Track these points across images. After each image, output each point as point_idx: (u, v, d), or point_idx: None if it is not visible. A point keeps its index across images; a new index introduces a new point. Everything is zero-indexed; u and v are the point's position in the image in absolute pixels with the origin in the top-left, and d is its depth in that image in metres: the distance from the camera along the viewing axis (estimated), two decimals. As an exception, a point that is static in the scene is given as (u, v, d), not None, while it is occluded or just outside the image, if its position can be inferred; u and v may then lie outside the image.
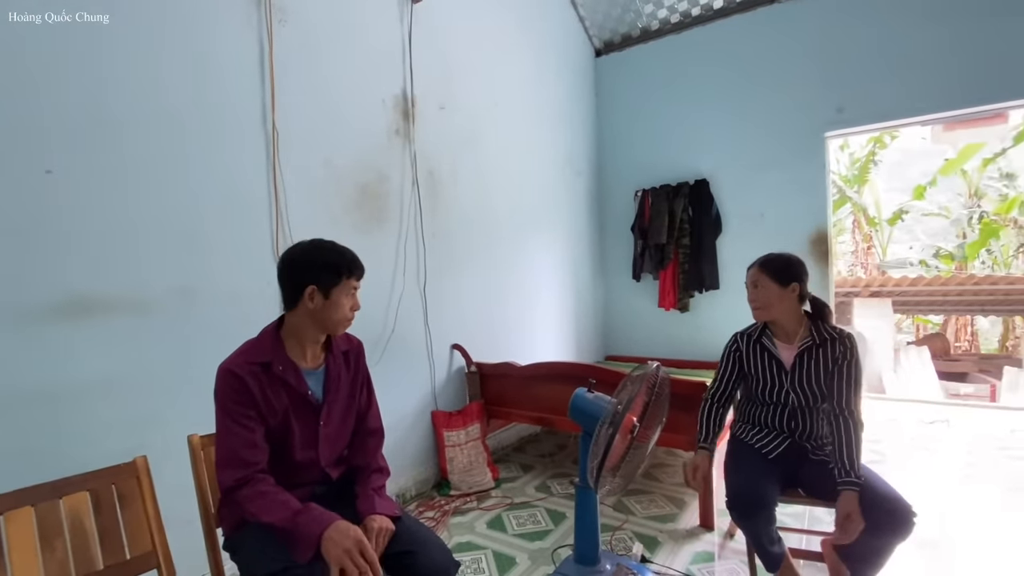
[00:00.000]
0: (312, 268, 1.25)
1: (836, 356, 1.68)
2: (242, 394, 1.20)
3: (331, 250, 1.28)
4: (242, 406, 1.20)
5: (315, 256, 1.26)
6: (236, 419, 1.20)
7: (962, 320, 8.00)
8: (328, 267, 1.25)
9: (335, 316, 1.27)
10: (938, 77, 3.19)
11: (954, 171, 7.64)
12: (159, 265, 1.72)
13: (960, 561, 1.88)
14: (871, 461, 2.83)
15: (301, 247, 1.29)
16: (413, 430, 2.61)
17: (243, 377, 1.21)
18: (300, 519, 1.13)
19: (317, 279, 1.23)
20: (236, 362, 1.23)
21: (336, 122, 2.28)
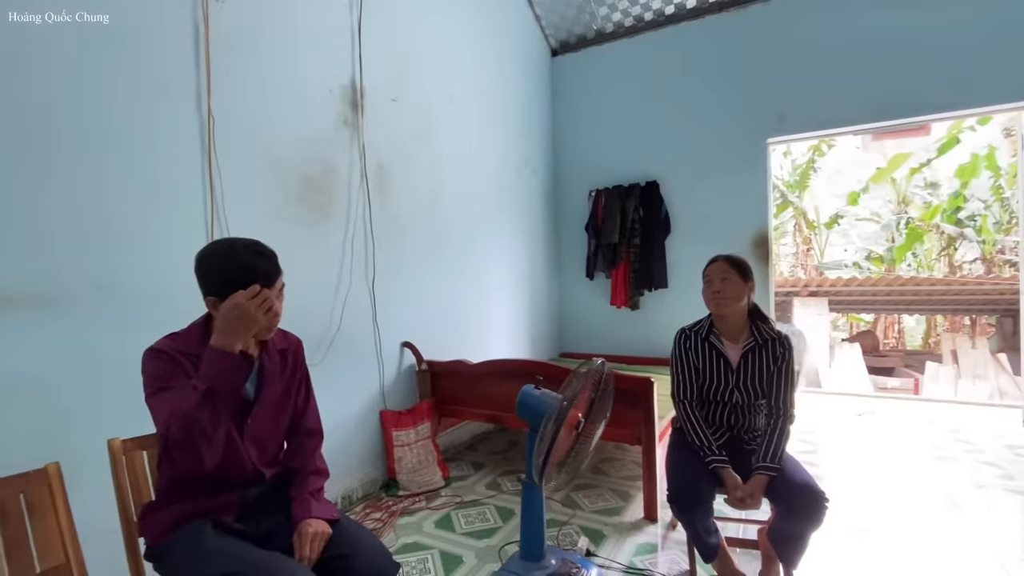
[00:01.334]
0: (208, 278, 1.16)
1: (776, 356, 1.76)
2: (170, 365, 1.13)
3: (228, 257, 1.16)
4: (175, 376, 1.12)
5: (211, 265, 1.16)
6: (170, 385, 1.11)
7: (890, 319, 8.58)
8: (222, 280, 1.14)
9: None
10: (868, 90, 3.40)
11: (884, 179, 8.17)
12: (74, 257, 1.59)
13: (886, 546, 2.01)
14: (803, 451, 2.99)
15: (205, 251, 1.19)
16: (360, 430, 2.54)
17: (171, 354, 1.14)
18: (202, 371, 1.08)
19: (215, 291, 1.14)
20: (163, 344, 1.16)
21: (279, 110, 2.18)
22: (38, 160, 1.52)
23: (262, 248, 1.21)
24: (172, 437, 1.04)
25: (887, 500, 2.39)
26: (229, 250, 1.18)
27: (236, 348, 1.10)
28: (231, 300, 1.09)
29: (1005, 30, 3.07)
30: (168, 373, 1.13)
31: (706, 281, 1.82)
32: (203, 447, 1.06)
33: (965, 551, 1.94)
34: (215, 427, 1.07)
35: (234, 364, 1.09)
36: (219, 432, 1.10)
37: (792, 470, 1.63)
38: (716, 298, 1.77)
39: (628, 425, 2.27)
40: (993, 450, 2.98)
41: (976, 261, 8.05)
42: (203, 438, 1.06)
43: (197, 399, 1.05)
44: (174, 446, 1.05)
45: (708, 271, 1.82)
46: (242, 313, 1.09)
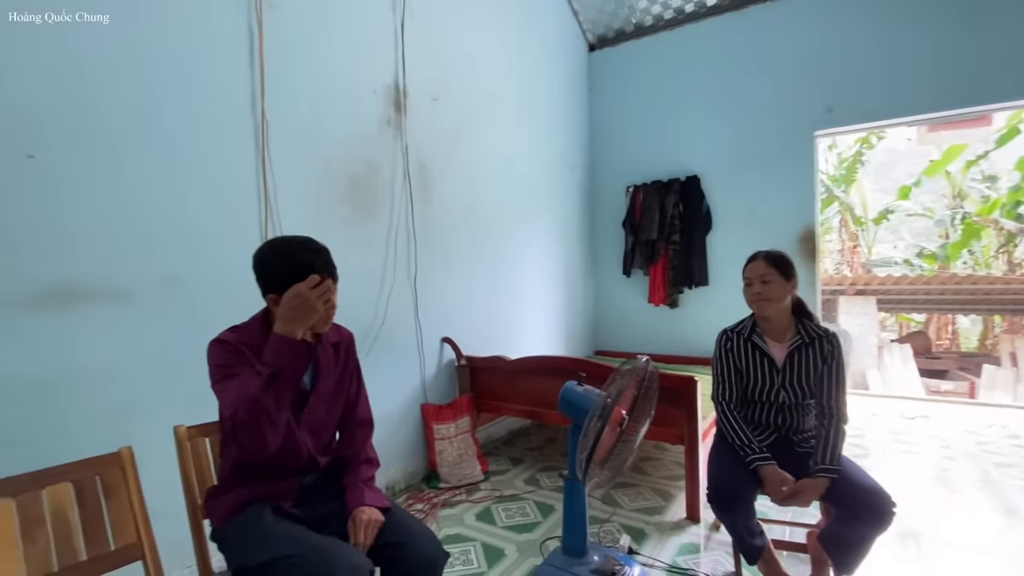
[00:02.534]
0: (268, 276, 1.22)
1: (824, 355, 1.71)
2: (237, 355, 1.20)
3: (286, 255, 1.21)
4: (239, 364, 1.19)
5: (269, 263, 1.22)
6: (235, 371, 1.17)
7: (944, 319, 8.16)
8: (280, 277, 1.19)
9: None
10: (924, 79, 3.24)
11: (938, 172, 7.76)
12: (143, 254, 1.69)
13: (939, 552, 1.93)
14: (854, 455, 2.88)
15: (262, 249, 1.25)
16: (402, 423, 2.60)
17: (234, 344, 1.21)
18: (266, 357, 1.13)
19: (275, 287, 1.20)
20: (227, 336, 1.23)
21: (327, 111, 2.25)
22: (109, 161, 1.62)
23: (316, 245, 1.26)
24: (239, 419, 1.10)
25: (940, 506, 2.28)
26: (286, 248, 1.23)
27: (298, 335, 1.14)
28: (293, 289, 1.14)
29: (1080, 11, 2.87)
30: (232, 361, 1.19)
31: (746, 282, 1.77)
32: (267, 429, 1.12)
33: (1022, 560, 1.84)
34: (279, 410, 1.13)
35: (296, 349, 1.14)
36: (282, 415, 1.15)
37: (854, 472, 1.58)
38: (757, 300, 1.73)
39: (670, 424, 2.24)
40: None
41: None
42: (268, 420, 1.11)
43: (262, 383, 1.10)
44: (241, 428, 1.10)
45: (747, 271, 1.77)
46: (303, 302, 1.14)
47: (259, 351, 1.20)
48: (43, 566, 1.08)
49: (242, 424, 1.10)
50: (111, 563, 1.17)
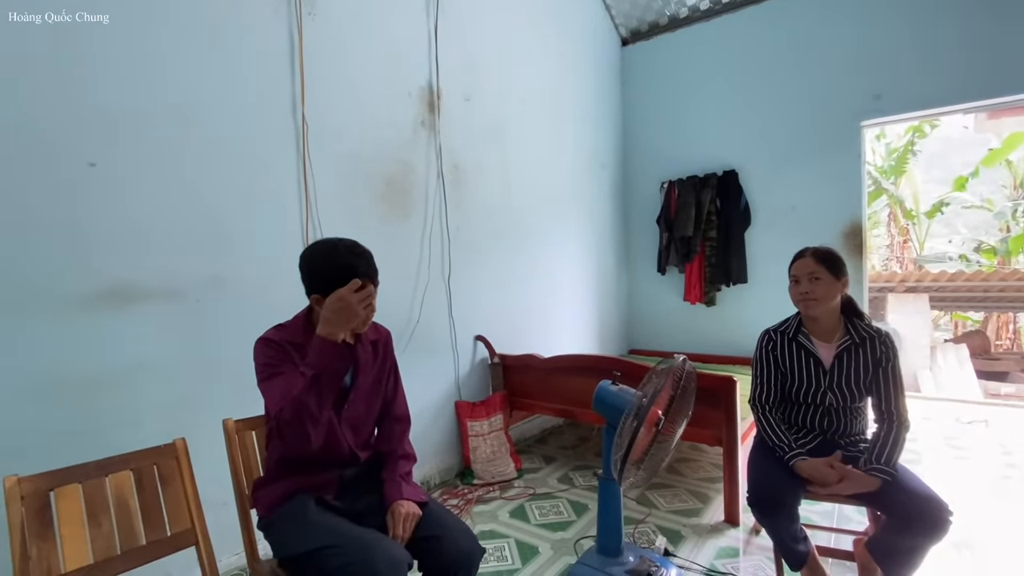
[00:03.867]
0: (313, 277, 1.26)
1: (877, 356, 1.64)
2: (282, 354, 1.25)
3: (332, 257, 1.25)
4: (284, 363, 1.24)
5: (315, 265, 1.26)
6: (280, 371, 1.22)
7: (1004, 317, 7.67)
8: (323, 278, 1.23)
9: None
10: (981, 63, 3.04)
11: (999, 161, 7.28)
12: (192, 255, 1.78)
13: (997, 564, 1.82)
14: (906, 460, 2.75)
15: (308, 251, 1.29)
16: (437, 419, 2.64)
17: (280, 342, 1.26)
18: (309, 359, 1.17)
19: (319, 288, 1.24)
20: (272, 335, 1.28)
21: (363, 114, 2.30)
22: (161, 166, 1.71)
23: (360, 249, 1.30)
24: (284, 418, 1.15)
25: (998, 516, 2.15)
26: (331, 251, 1.27)
27: (340, 338, 1.18)
28: (336, 294, 1.18)
29: None
30: (277, 360, 1.24)
31: (793, 280, 1.71)
32: (311, 427, 1.16)
33: (1106, 581, 1.71)
34: (321, 409, 1.17)
35: (338, 352, 1.18)
36: (324, 414, 1.19)
37: (908, 479, 1.51)
38: (805, 299, 1.66)
39: (708, 426, 2.19)
40: None
41: (1114, 253, 7.01)
42: (311, 419, 1.15)
43: (306, 383, 1.14)
44: (285, 426, 1.15)
45: (794, 268, 1.71)
46: (345, 306, 1.17)
47: (302, 349, 1.25)
48: (108, 549, 1.15)
49: (286, 423, 1.15)
50: (168, 548, 1.24)
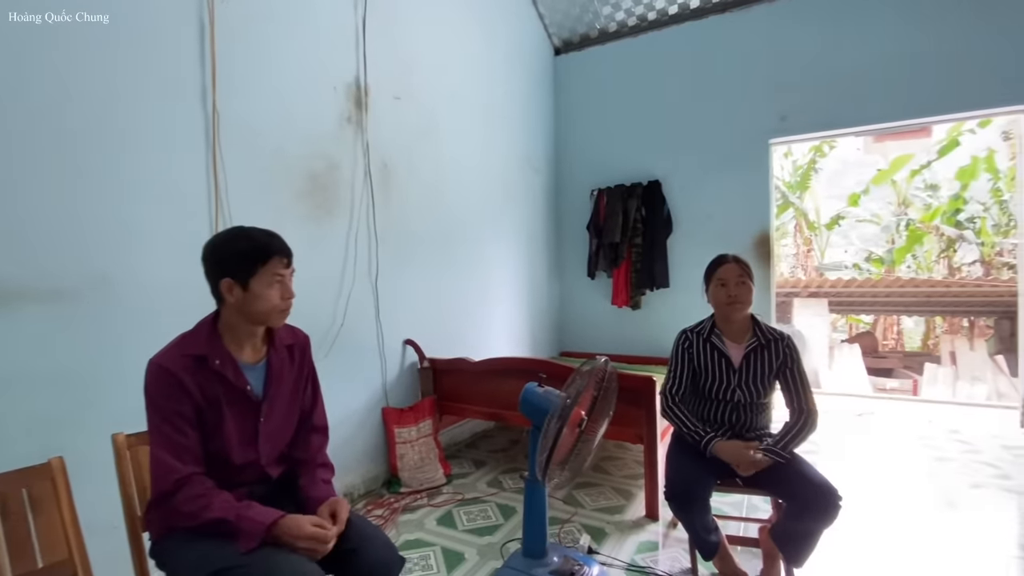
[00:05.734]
0: (223, 260, 1.18)
1: (781, 357, 1.77)
2: (175, 390, 1.13)
3: (243, 237, 1.20)
4: (176, 403, 1.13)
5: (225, 246, 1.19)
6: (169, 418, 1.13)
7: (890, 320, 8.59)
8: (239, 256, 1.17)
9: (262, 308, 1.20)
10: (869, 91, 3.41)
11: (885, 181, 8.18)
12: (77, 251, 1.59)
13: (884, 544, 2.02)
14: (805, 451, 2.99)
15: (214, 238, 1.22)
16: (362, 427, 2.55)
17: (175, 372, 1.14)
18: (245, 512, 1.10)
19: (231, 271, 1.17)
20: (168, 356, 1.16)
21: (283, 106, 2.18)
22: (44, 154, 1.52)
23: (269, 231, 1.25)
24: (174, 505, 1.11)
25: (886, 499, 2.40)
26: (240, 232, 1.22)
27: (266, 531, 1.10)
28: (300, 528, 1.11)
29: (1005, 34, 3.07)
30: (166, 397, 1.13)
31: (719, 283, 1.80)
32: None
33: (962, 550, 1.95)
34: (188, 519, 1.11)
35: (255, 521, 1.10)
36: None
37: (804, 468, 1.63)
38: (733, 303, 1.77)
39: (630, 424, 2.27)
40: (990, 450, 2.99)
41: (975, 263, 8.06)
42: (175, 514, 1.12)
43: (212, 518, 1.09)
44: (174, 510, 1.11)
45: (722, 273, 1.80)
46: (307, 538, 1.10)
47: (205, 364, 1.16)
48: (-42, 587, 1.00)
49: (177, 512, 1.11)
50: (38, 582, 1.10)
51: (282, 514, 1.12)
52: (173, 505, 1.11)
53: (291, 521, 1.11)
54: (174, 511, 1.11)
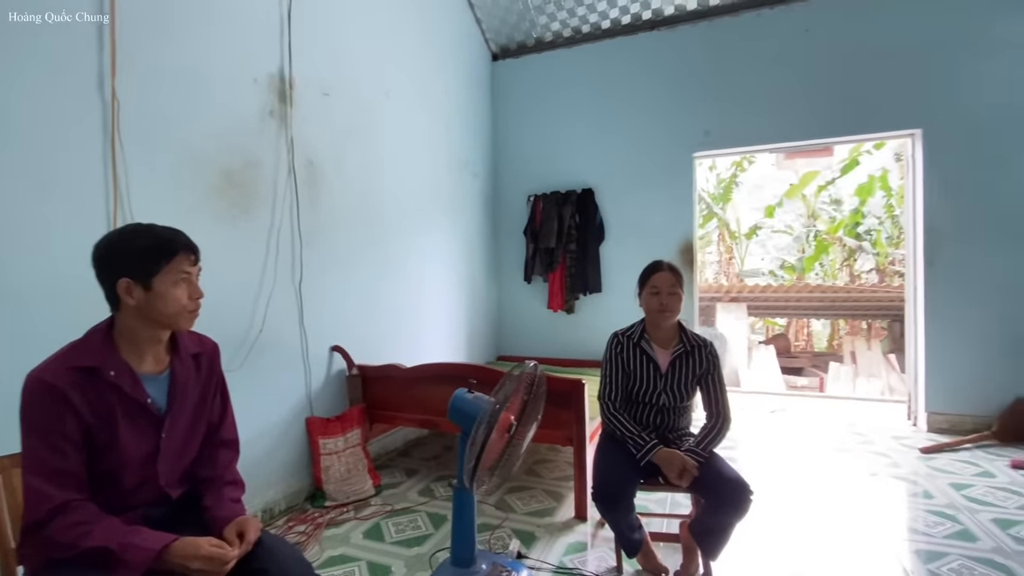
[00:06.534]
0: (121, 258, 1.08)
1: (704, 363, 1.85)
2: (58, 407, 1.01)
3: (143, 233, 1.10)
4: (57, 422, 1.01)
5: (123, 243, 1.09)
6: (47, 440, 1.00)
7: (800, 323, 9.32)
8: (140, 253, 1.08)
9: (167, 309, 1.10)
10: (781, 113, 3.69)
11: (796, 195, 8.89)
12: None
13: (792, 531, 2.16)
14: (724, 447, 3.16)
15: (108, 236, 1.11)
16: (284, 439, 2.41)
17: (60, 387, 1.01)
18: (130, 539, 1.00)
19: (129, 270, 1.07)
20: (51, 369, 1.03)
21: (195, 96, 2.03)
22: None
23: (173, 227, 1.15)
24: (29, 516, 1.00)
25: (793, 490, 2.58)
26: (139, 228, 1.12)
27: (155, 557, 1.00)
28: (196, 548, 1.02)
29: (897, 69, 3.43)
30: (46, 415, 1.01)
31: (652, 291, 1.85)
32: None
33: (859, 534, 2.13)
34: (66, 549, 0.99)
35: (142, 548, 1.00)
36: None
37: (720, 466, 1.72)
38: (664, 310, 1.83)
39: (560, 426, 2.30)
40: (883, 441, 3.31)
41: (872, 271, 8.93)
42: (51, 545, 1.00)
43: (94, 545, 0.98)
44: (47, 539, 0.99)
45: (656, 280, 1.85)
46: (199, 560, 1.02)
47: (95, 375, 1.05)
48: None
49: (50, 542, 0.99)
50: None
51: (174, 537, 1.02)
52: (47, 535, 0.98)
53: (185, 544, 1.02)
54: (49, 541, 0.99)
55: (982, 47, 3.26)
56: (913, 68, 3.39)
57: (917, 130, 3.45)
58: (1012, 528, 2.13)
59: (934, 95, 3.36)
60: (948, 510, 2.32)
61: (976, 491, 2.51)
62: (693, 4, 3.86)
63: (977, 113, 3.29)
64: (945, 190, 3.39)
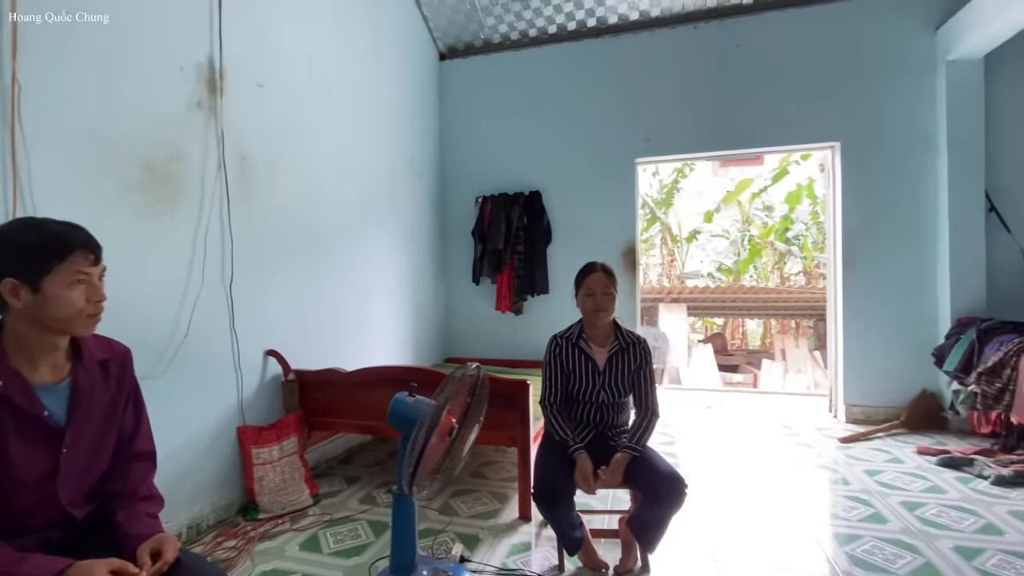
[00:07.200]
0: (4, 256, 0.98)
1: (638, 360, 1.91)
2: None
3: (31, 228, 1.01)
4: None
5: (7, 240, 0.99)
6: None
7: (736, 322, 9.82)
8: (27, 251, 0.98)
9: (59, 313, 1.00)
10: (716, 123, 3.88)
11: (732, 201, 9.37)
12: None
13: (726, 521, 2.26)
14: (663, 442, 3.28)
15: None
16: (212, 450, 2.27)
17: None
18: (16, 568, 0.91)
19: (14, 269, 0.97)
20: None
21: (112, 82, 1.87)
22: None
23: (71, 222, 1.05)
24: None
25: (727, 481, 2.70)
26: (29, 223, 1.02)
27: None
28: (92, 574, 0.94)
29: (819, 84, 3.69)
30: None
31: (587, 292, 1.90)
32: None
33: (787, 520, 2.26)
34: None
35: None
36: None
37: (655, 460, 1.77)
38: (599, 310, 1.87)
39: (505, 428, 2.30)
40: (807, 433, 3.53)
41: (800, 273, 9.55)
42: None
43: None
44: None
45: (590, 282, 1.90)
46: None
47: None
48: None
49: None
50: None
51: (68, 563, 0.94)
52: None
53: (79, 569, 0.94)
54: None
55: (892, 70, 3.57)
56: (833, 86, 3.66)
57: (836, 143, 3.72)
58: (917, 510, 2.32)
59: (851, 111, 3.64)
60: (863, 495, 2.50)
61: (887, 476, 2.73)
62: (635, 15, 3.98)
63: (887, 129, 3.60)
64: (860, 198, 3.67)
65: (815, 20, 3.68)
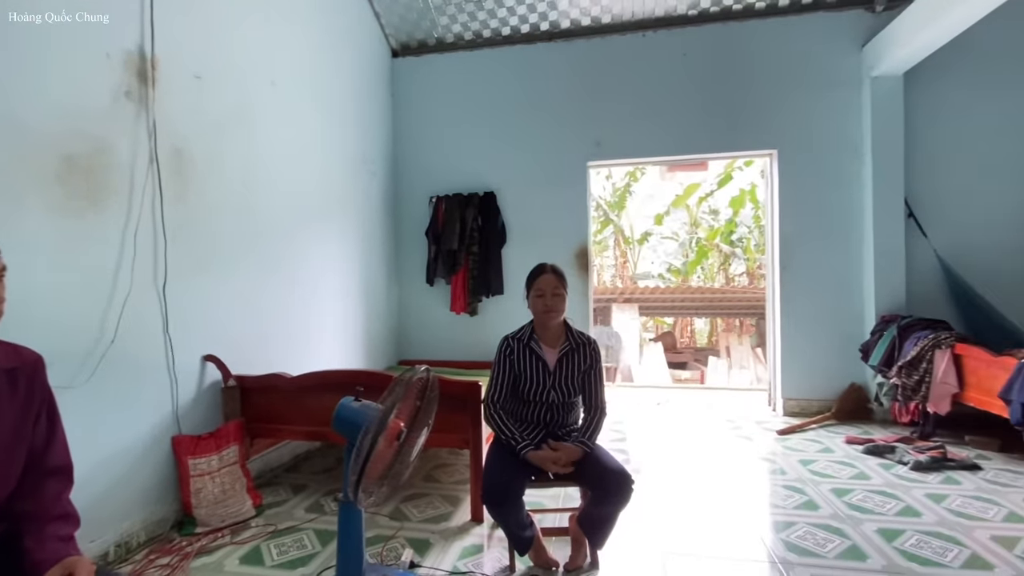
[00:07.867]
0: None
1: (587, 358, 1.94)
2: None
3: None
4: None
5: None
6: None
7: (685, 321, 10.18)
8: None
9: None
10: (663, 129, 4.01)
11: (681, 205, 9.72)
12: None
13: (672, 513, 2.33)
14: (614, 439, 3.35)
15: None
16: (144, 462, 2.13)
17: None
18: None
19: None
20: None
21: (27, 66, 1.73)
22: None
23: None
24: None
25: (673, 475, 2.79)
26: None
27: None
28: None
29: (758, 94, 3.88)
30: None
31: (537, 293, 1.91)
32: None
33: (728, 510, 2.36)
34: None
35: None
36: None
37: (604, 458, 1.81)
38: (548, 311, 1.89)
39: (456, 430, 2.28)
40: (748, 426, 3.70)
41: (743, 274, 10.00)
42: None
43: None
44: None
45: (540, 283, 1.91)
46: None
47: None
48: None
49: None
50: None
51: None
52: None
53: None
54: None
55: (823, 83, 3.80)
56: (771, 96, 3.86)
57: (774, 150, 3.93)
58: (845, 496, 2.48)
59: (787, 121, 3.85)
60: (797, 484, 2.64)
61: (819, 465, 2.90)
62: (587, 20, 4.06)
63: (819, 138, 3.83)
64: (795, 203, 3.89)
65: (753, 34, 3.87)
